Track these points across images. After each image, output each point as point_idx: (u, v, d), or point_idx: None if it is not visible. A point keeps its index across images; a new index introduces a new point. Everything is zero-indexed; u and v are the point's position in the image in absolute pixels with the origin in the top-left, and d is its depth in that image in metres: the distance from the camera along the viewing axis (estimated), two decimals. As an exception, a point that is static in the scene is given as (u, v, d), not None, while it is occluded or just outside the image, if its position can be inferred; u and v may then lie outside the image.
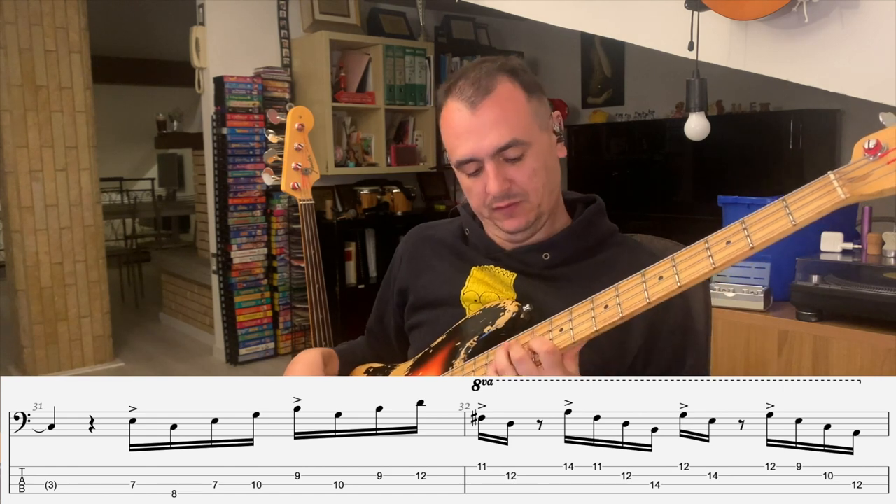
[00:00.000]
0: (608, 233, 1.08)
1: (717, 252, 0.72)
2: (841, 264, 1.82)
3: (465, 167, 0.99)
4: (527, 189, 0.98)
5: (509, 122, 0.95)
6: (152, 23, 5.95)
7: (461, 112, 0.97)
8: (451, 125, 0.99)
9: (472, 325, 0.97)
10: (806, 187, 0.69)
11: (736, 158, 3.84)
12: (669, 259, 0.76)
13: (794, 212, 0.69)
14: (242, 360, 4.13)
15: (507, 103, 0.96)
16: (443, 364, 0.98)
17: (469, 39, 4.93)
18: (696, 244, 0.74)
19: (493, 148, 0.95)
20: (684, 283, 0.74)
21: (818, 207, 0.68)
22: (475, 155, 0.97)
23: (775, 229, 0.69)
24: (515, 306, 0.94)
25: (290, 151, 1.41)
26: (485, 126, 0.95)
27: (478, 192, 1.00)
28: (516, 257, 1.05)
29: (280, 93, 4.12)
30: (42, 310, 3.94)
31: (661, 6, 2.03)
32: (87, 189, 4.03)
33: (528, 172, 0.97)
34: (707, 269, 0.73)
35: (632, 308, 0.77)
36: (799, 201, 0.69)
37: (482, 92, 0.96)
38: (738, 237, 0.71)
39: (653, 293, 0.76)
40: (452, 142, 0.99)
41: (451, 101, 0.99)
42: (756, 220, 0.70)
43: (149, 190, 7.82)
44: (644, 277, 0.77)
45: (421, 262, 1.16)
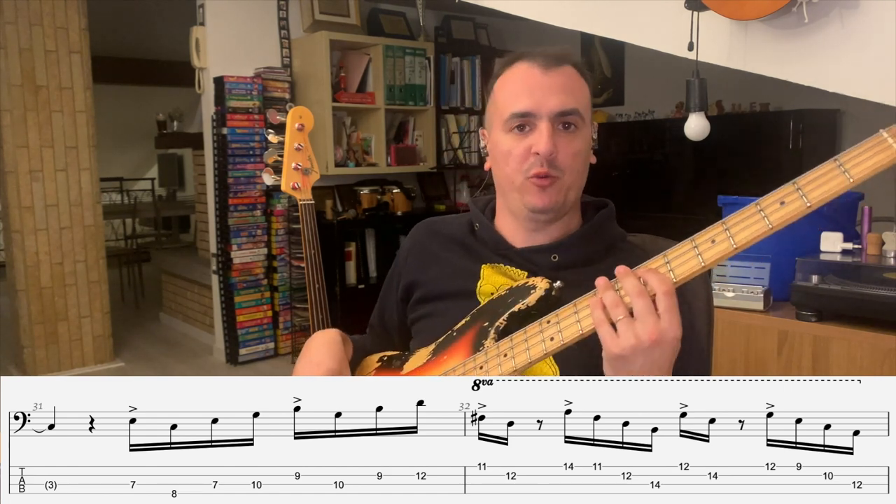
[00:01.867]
0: (617, 238, 1.07)
1: (772, 213, 0.72)
2: (841, 264, 1.82)
3: (517, 121, 0.98)
4: (567, 166, 0.98)
5: (576, 93, 0.98)
6: (152, 23, 5.95)
7: (532, 70, 0.98)
8: (516, 82, 1.00)
9: (500, 304, 0.95)
10: (858, 146, 0.70)
11: (736, 158, 3.84)
12: (721, 223, 0.76)
13: (849, 169, 0.69)
14: (242, 360, 4.13)
15: (575, 79, 1.00)
16: (471, 345, 0.95)
17: (469, 39, 4.93)
18: (748, 207, 0.74)
19: (556, 108, 0.96)
20: (739, 244, 0.74)
21: (876, 164, 0.68)
22: (536, 110, 0.97)
23: (832, 187, 0.70)
24: (546, 283, 0.92)
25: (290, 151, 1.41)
26: (554, 86, 0.97)
27: (519, 153, 0.98)
28: (525, 256, 1.04)
29: (280, 93, 4.12)
30: (42, 310, 3.94)
31: (661, 6, 2.03)
32: (87, 189, 4.03)
33: (574, 150, 0.98)
34: (764, 229, 0.73)
35: (684, 274, 0.76)
36: (854, 159, 0.69)
37: (555, 61, 0.99)
38: (792, 197, 0.72)
39: (707, 257, 0.75)
40: (511, 98, 0.99)
41: (520, 63, 1.00)
42: (810, 180, 0.71)
43: (149, 190, 7.83)
44: (695, 243, 0.77)
45: (429, 256, 1.14)
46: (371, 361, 1.12)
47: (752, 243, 0.74)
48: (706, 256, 0.76)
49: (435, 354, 1.01)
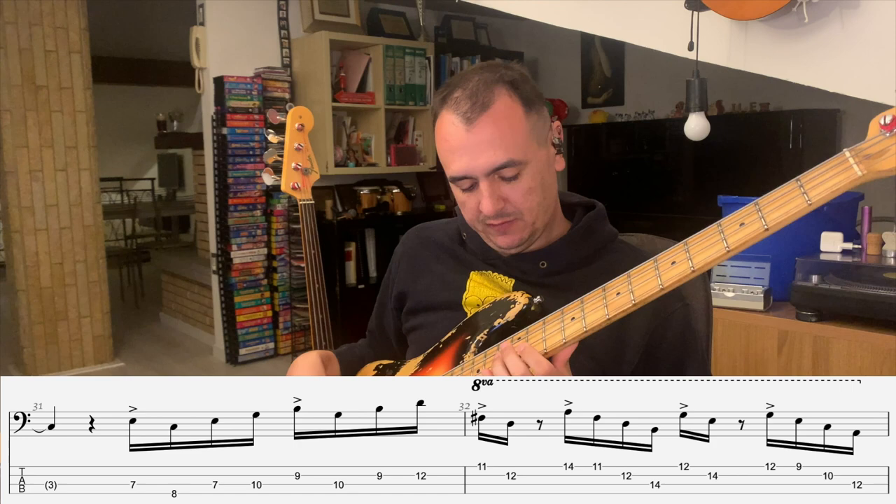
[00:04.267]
0: (608, 238, 1.06)
1: (731, 235, 0.71)
2: (841, 264, 1.82)
3: (460, 183, 0.96)
4: (521, 208, 0.96)
5: (505, 141, 0.92)
6: (152, 23, 5.95)
7: (456, 127, 0.93)
8: (446, 138, 0.95)
9: (483, 318, 0.97)
10: (821, 166, 0.67)
11: (736, 158, 3.84)
12: (682, 244, 0.75)
13: (808, 191, 0.67)
14: (242, 360, 4.13)
15: (503, 121, 0.92)
16: (453, 358, 0.97)
17: (469, 39, 4.93)
18: (709, 228, 0.73)
19: (487, 167, 0.92)
20: (698, 267, 0.73)
21: (834, 185, 0.66)
22: (469, 173, 0.94)
23: (790, 209, 0.68)
24: (526, 298, 0.93)
25: (290, 151, 1.41)
26: (480, 144, 0.92)
27: (471, 207, 0.98)
28: (513, 264, 1.04)
29: (280, 93, 4.12)
30: (42, 310, 3.94)
31: (661, 6, 2.03)
32: (87, 189, 4.03)
33: (523, 191, 0.95)
34: (721, 252, 0.71)
35: (645, 294, 0.76)
36: (814, 180, 0.67)
37: (478, 108, 0.92)
38: (751, 219, 0.70)
39: (666, 278, 0.74)
40: (447, 156, 0.96)
41: (446, 112, 0.95)
42: (770, 201, 0.69)
43: (149, 190, 7.82)
44: (657, 263, 0.76)
45: (419, 266, 1.15)
46: (368, 370, 1.14)
47: (711, 265, 0.73)
48: (665, 278, 0.75)
49: (422, 365, 1.03)
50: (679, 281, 0.74)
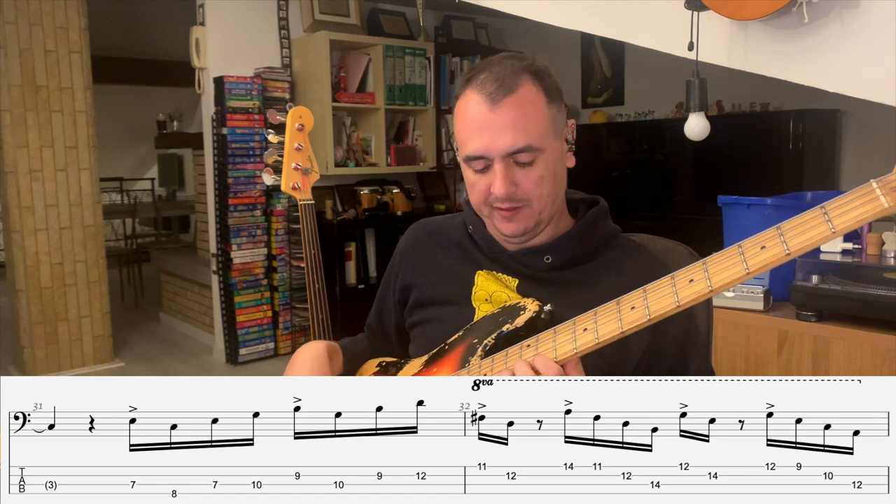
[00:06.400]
0: (610, 234, 1.07)
1: (752, 257, 0.71)
2: (841, 264, 1.82)
3: (474, 163, 0.97)
4: (531, 195, 0.97)
5: (527, 125, 0.94)
6: (152, 23, 5.95)
7: (480, 106, 0.94)
8: (467, 117, 0.97)
9: (491, 322, 0.96)
10: (847, 195, 0.67)
11: (736, 158, 3.84)
12: (701, 262, 0.75)
13: (833, 219, 0.67)
14: (242, 360, 4.13)
15: (527, 106, 0.94)
16: (459, 360, 0.96)
17: (469, 39, 4.93)
18: (729, 249, 0.73)
19: (506, 149, 0.94)
20: (716, 286, 0.73)
21: (860, 215, 0.66)
22: (486, 153, 0.95)
23: (813, 236, 0.68)
24: (536, 305, 0.93)
25: (290, 151, 1.41)
26: (502, 125, 0.93)
27: (481, 189, 0.98)
28: (518, 259, 1.04)
29: (280, 93, 4.12)
30: (42, 310, 3.94)
31: (661, 6, 2.03)
32: (87, 189, 4.03)
33: (536, 179, 0.96)
34: (740, 273, 0.71)
35: (661, 310, 0.75)
36: (839, 208, 0.67)
37: (504, 90, 0.93)
38: (773, 242, 0.70)
39: (683, 296, 0.74)
40: (465, 134, 0.97)
41: (470, 91, 0.96)
42: (793, 226, 0.69)
43: (149, 190, 7.83)
44: (674, 279, 0.76)
45: (424, 259, 1.14)
46: (370, 366, 1.13)
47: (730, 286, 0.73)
48: (682, 295, 0.75)
49: (426, 366, 1.02)
50: (696, 299, 0.74)
